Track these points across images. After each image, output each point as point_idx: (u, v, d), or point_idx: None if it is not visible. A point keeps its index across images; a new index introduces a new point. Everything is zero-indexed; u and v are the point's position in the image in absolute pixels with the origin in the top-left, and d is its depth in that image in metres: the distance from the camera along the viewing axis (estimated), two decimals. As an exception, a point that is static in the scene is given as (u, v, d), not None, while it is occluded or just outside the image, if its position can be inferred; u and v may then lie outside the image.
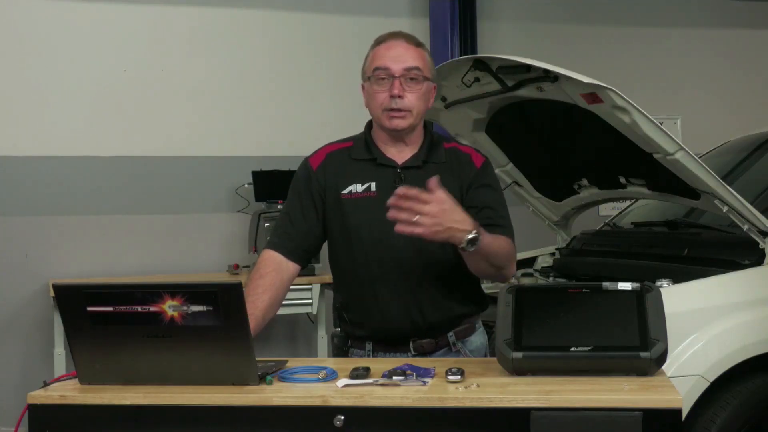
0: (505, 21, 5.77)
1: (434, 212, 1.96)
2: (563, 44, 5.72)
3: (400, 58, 2.24)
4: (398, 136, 2.29)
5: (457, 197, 2.25)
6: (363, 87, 2.33)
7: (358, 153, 2.33)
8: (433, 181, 1.98)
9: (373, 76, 2.25)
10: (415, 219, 1.94)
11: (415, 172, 2.28)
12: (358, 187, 2.28)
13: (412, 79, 2.23)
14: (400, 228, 1.96)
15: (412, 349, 2.26)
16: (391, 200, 1.96)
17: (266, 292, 2.21)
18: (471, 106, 3.22)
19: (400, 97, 2.22)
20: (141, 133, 5.05)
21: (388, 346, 2.28)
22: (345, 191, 2.28)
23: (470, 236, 2.01)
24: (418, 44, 2.30)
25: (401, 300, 2.24)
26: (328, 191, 2.30)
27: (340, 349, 2.38)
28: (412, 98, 2.24)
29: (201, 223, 5.15)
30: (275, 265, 2.28)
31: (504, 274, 2.27)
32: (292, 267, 2.30)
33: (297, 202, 2.35)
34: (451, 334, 2.28)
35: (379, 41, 2.30)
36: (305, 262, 2.36)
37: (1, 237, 4.79)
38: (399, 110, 2.23)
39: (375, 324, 2.27)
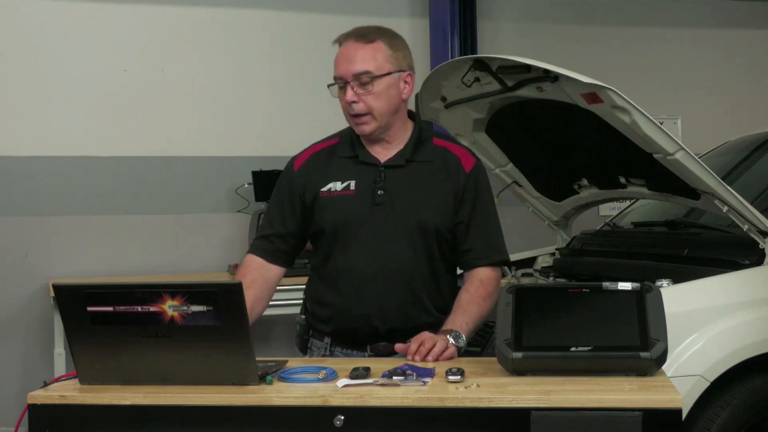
0: (505, 21, 5.77)
1: (425, 347, 2.02)
2: (563, 44, 5.72)
3: (350, 62, 2.21)
4: (373, 138, 2.28)
5: (449, 201, 2.27)
6: None
7: (342, 150, 2.32)
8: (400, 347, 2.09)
9: (336, 84, 2.26)
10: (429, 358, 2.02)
11: (398, 171, 2.27)
12: (338, 185, 2.27)
13: (363, 82, 2.20)
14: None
15: (368, 350, 2.24)
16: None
17: (249, 288, 2.16)
18: (471, 106, 3.22)
19: (354, 102, 2.20)
20: (141, 133, 5.04)
21: (345, 343, 2.27)
22: (324, 189, 2.27)
23: (456, 345, 2.10)
24: (372, 39, 2.24)
25: (364, 302, 2.22)
26: (308, 190, 2.29)
27: (300, 338, 2.38)
28: (368, 100, 2.21)
29: (201, 223, 5.14)
30: (257, 265, 2.30)
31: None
32: (274, 269, 2.31)
33: (277, 203, 2.36)
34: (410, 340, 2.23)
35: (337, 43, 2.29)
36: (289, 263, 2.36)
37: (1, 237, 4.78)
38: (358, 115, 2.22)
39: (335, 321, 2.27)
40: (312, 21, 5.39)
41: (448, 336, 2.09)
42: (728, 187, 2.70)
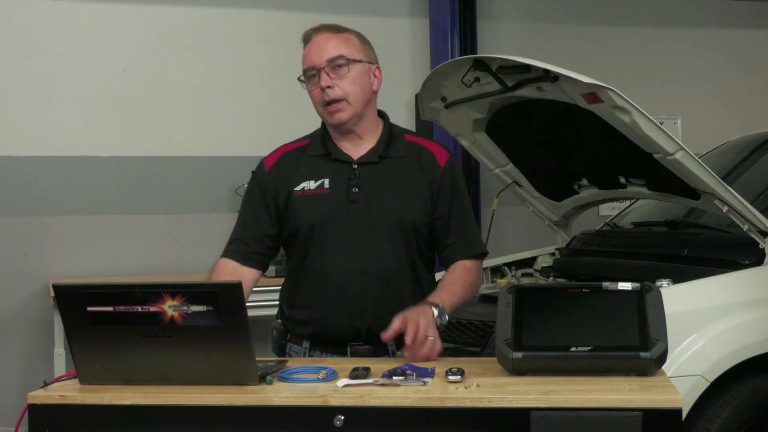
0: (505, 21, 5.77)
1: (420, 330, 2.00)
2: (563, 44, 5.72)
3: (322, 50, 2.21)
4: (346, 129, 2.25)
5: (426, 196, 2.25)
6: None
7: (313, 150, 2.30)
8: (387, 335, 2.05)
9: (305, 77, 2.25)
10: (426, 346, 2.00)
11: (372, 168, 2.25)
12: (311, 184, 2.25)
13: (338, 66, 2.20)
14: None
15: (349, 353, 2.21)
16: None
17: None
18: (471, 106, 3.22)
19: (329, 87, 2.19)
20: (141, 133, 5.04)
21: (325, 346, 2.24)
22: (298, 188, 2.25)
23: (440, 320, 2.07)
24: (342, 30, 2.27)
25: (345, 303, 2.19)
26: (280, 190, 2.27)
27: (277, 343, 2.34)
28: (343, 85, 2.20)
29: (201, 223, 5.14)
30: (230, 270, 2.26)
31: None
32: (247, 272, 2.27)
33: (249, 205, 2.34)
34: (391, 343, 2.19)
35: (304, 40, 2.28)
36: (264, 266, 2.32)
37: (1, 237, 4.78)
38: (334, 101, 2.20)
39: (315, 324, 2.24)
40: (312, 21, 5.28)
41: (433, 308, 2.07)
42: (728, 187, 2.70)
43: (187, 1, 5.14)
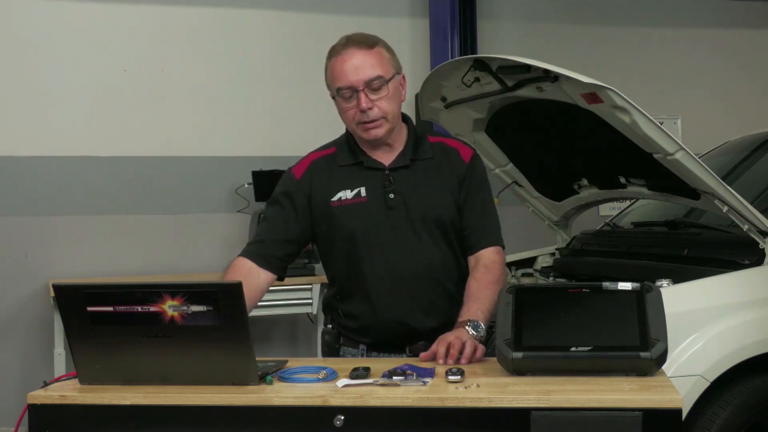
0: (505, 21, 5.77)
1: (455, 349, 1.99)
2: (563, 44, 5.72)
3: (359, 69, 2.18)
4: (380, 142, 2.27)
5: (454, 189, 2.29)
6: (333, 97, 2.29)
7: (343, 158, 2.30)
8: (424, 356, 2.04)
9: (338, 95, 2.22)
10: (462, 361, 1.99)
11: (404, 172, 2.27)
12: (348, 194, 2.25)
13: (376, 88, 2.18)
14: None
15: (407, 351, 2.24)
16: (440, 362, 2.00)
17: None
18: (471, 106, 3.22)
19: (369, 109, 2.19)
20: (141, 133, 5.05)
21: (382, 347, 2.26)
22: (334, 198, 2.25)
23: (477, 334, 2.07)
24: (372, 44, 2.23)
25: (400, 304, 2.22)
26: (315, 199, 2.27)
27: (331, 347, 2.35)
28: (381, 105, 2.20)
29: (201, 223, 5.15)
30: (246, 271, 2.25)
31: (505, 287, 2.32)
32: (263, 275, 2.26)
33: (277, 211, 2.31)
34: None
35: (333, 54, 2.24)
36: (281, 271, 2.31)
37: (1, 237, 4.79)
38: (372, 120, 2.20)
39: (373, 331, 2.26)
40: (312, 21, 5.39)
41: (467, 327, 2.08)
42: (728, 187, 2.70)
43: (187, 1, 5.15)
